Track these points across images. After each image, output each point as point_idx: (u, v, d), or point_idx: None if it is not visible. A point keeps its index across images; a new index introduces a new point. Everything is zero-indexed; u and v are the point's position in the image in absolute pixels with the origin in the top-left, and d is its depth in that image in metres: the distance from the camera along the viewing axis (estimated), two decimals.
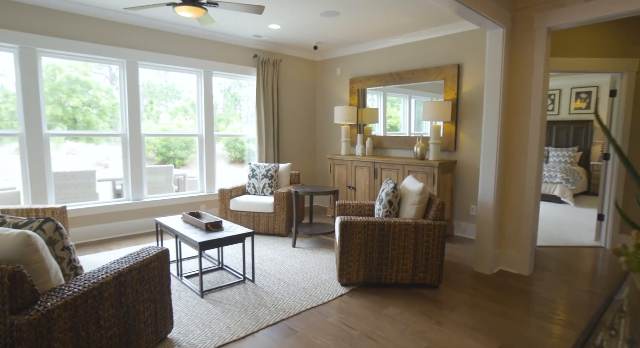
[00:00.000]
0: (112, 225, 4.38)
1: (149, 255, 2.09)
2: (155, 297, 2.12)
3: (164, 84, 4.99)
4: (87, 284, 1.68)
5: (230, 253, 3.87)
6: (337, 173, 5.49)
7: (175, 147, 7.75)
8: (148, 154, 7.59)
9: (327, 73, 6.22)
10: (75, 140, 4.91)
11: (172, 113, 5.09)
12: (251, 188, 4.89)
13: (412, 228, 2.97)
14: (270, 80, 5.55)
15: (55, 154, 4.68)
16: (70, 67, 4.16)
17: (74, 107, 4.34)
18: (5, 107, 3.81)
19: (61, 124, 4.11)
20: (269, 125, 5.60)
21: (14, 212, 3.33)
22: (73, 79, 4.23)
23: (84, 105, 4.39)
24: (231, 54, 5.24)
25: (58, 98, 3.99)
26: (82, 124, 4.47)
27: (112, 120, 4.40)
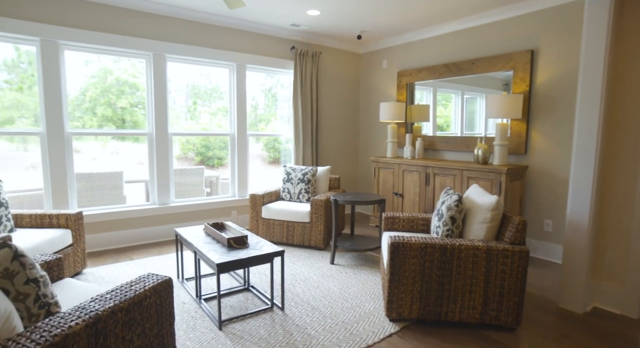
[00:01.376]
0: (136, 231, 4.06)
1: (144, 288, 1.62)
2: (151, 342, 1.65)
3: (207, 84, 4.69)
4: (42, 338, 1.22)
5: (258, 270, 3.39)
6: (382, 177, 4.87)
7: (214, 147, 7.53)
8: (188, 154, 7.40)
9: (371, 66, 5.61)
10: (122, 139, 4.94)
11: (212, 113, 4.92)
12: (286, 193, 4.40)
13: (482, 254, 2.31)
14: (309, 74, 5.04)
15: (102, 153, 4.60)
16: (119, 70, 4.16)
17: (122, 107, 4.37)
18: (33, 104, 3.59)
19: (110, 124, 4.10)
20: (306, 124, 5.09)
21: (27, 216, 3.05)
22: (122, 81, 4.26)
23: (132, 105, 4.40)
24: (266, 45, 4.79)
25: (108, 99, 4.02)
26: (129, 123, 4.48)
27: None
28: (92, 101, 4.01)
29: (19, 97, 3.66)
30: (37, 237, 2.79)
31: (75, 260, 3.09)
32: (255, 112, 5.19)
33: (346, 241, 3.76)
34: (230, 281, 3.11)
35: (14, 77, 3.50)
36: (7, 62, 3.43)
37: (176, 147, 7.36)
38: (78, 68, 3.76)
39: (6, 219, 2.84)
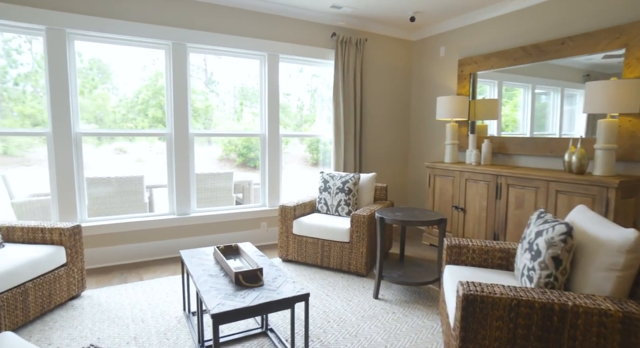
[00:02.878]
0: (151, 244, 3.58)
1: None
2: None
3: (255, 86, 4.31)
4: None
5: None
6: (439, 187, 4.03)
7: (256, 148, 7.16)
8: (230, 155, 7.01)
9: (426, 54, 4.77)
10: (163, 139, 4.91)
11: (255, 113, 4.61)
12: (322, 205, 3.72)
13: (615, 323, 1.47)
14: (352, 64, 4.33)
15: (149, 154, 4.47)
16: None
17: None
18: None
19: (161, 125, 3.97)
20: (349, 122, 4.38)
21: (19, 229, 2.63)
22: None
23: None
24: (302, 31, 4.15)
25: (159, 101, 3.96)
26: None
27: (206, 121, 4.35)
28: (144, 103, 4.01)
29: (82, 101, 3.62)
30: (21, 256, 2.34)
31: (69, 282, 2.63)
32: (301, 112, 4.69)
33: (394, 268, 3.00)
34: (245, 322, 2.48)
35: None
36: None
37: (219, 148, 7.09)
38: (135, 72, 3.61)
39: None
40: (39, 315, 2.43)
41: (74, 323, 2.37)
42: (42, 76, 3.17)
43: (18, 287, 2.26)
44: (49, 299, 2.47)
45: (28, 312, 2.32)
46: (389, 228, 3.71)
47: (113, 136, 3.68)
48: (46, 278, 2.44)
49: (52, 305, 2.49)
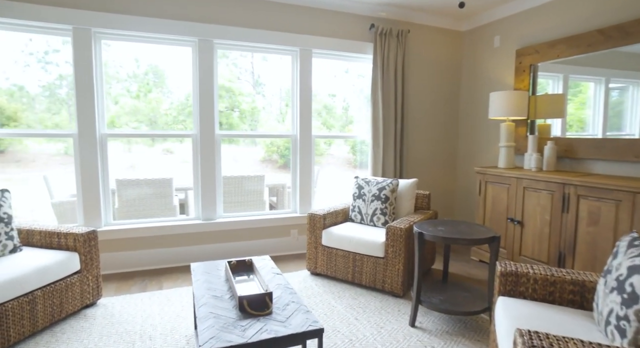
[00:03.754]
0: (175, 250, 3.44)
1: None
2: None
3: None
4: None
5: None
6: (491, 195, 3.51)
7: None
8: (272, 156, 6.88)
9: (478, 46, 4.24)
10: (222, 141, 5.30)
11: None
12: (356, 213, 3.36)
13: None
14: (393, 58, 3.92)
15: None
16: (218, 76, 4.04)
17: (220, 111, 4.39)
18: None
19: (224, 130, 4.08)
20: (388, 123, 3.98)
21: (37, 233, 2.55)
22: (219, 86, 4.18)
23: (227, 108, 4.52)
24: (337, 24, 3.82)
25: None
26: (225, 126, 4.56)
27: (252, 122, 4.41)
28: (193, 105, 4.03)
29: (137, 104, 3.80)
30: (31, 262, 2.24)
31: (83, 290, 2.51)
32: (347, 113, 4.49)
33: (436, 291, 2.57)
34: None
35: (132, 86, 3.64)
36: (130, 73, 3.54)
37: (260, 149, 7.00)
38: (186, 75, 3.58)
39: (6, 237, 2.35)
40: (48, 325, 2.32)
41: (81, 336, 2.23)
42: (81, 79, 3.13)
43: (26, 295, 2.15)
44: (60, 308, 2.35)
45: (36, 322, 2.21)
46: (431, 243, 3.27)
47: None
48: (57, 286, 2.33)
49: (63, 315, 2.37)
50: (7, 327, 2.05)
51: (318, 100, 4.53)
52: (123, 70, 3.56)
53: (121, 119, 3.76)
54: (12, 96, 3.19)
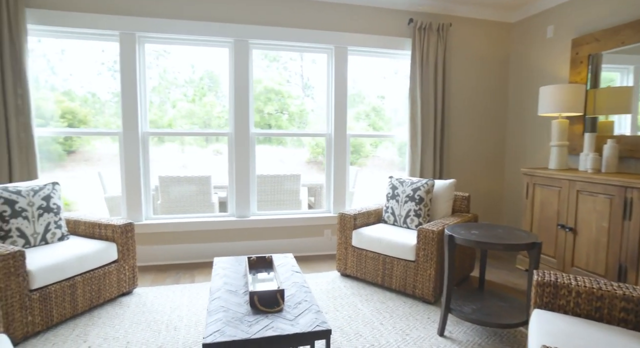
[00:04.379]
0: (209, 246, 3.53)
1: None
2: None
3: (353, 89, 4.26)
4: None
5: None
6: (540, 199, 3.21)
7: None
8: (317, 157, 6.94)
9: (529, 37, 3.92)
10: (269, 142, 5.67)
11: (355, 116, 4.62)
12: (389, 214, 3.24)
13: None
14: (433, 54, 3.75)
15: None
16: (268, 79, 4.40)
17: (269, 113, 4.64)
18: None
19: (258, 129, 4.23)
20: (427, 121, 3.80)
21: (82, 224, 2.74)
22: (269, 89, 4.45)
23: (277, 111, 4.69)
24: (373, 20, 3.72)
25: (257, 106, 4.24)
26: (274, 127, 4.76)
27: (301, 124, 4.52)
28: None
29: (192, 108, 4.09)
30: (73, 250, 2.41)
31: (120, 278, 2.65)
32: (397, 115, 4.42)
33: (470, 299, 2.38)
34: None
35: (189, 90, 3.95)
36: (186, 79, 3.85)
37: (306, 151, 7.10)
38: None
39: (55, 226, 2.56)
40: (87, 309, 2.47)
41: (114, 322, 2.35)
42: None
43: (67, 280, 2.32)
44: (98, 294, 2.50)
45: (76, 306, 2.37)
46: (465, 248, 3.05)
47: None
48: (96, 273, 2.48)
49: (101, 300, 2.52)
50: (50, 308, 2.22)
51: (367, 103, 4.53)
52: (181, 76, 3.78)
53: (177, 121, 4.00)
54: (86, 102, 3.49)
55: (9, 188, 2.41)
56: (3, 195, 2.35)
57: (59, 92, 3.46)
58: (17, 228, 2.37)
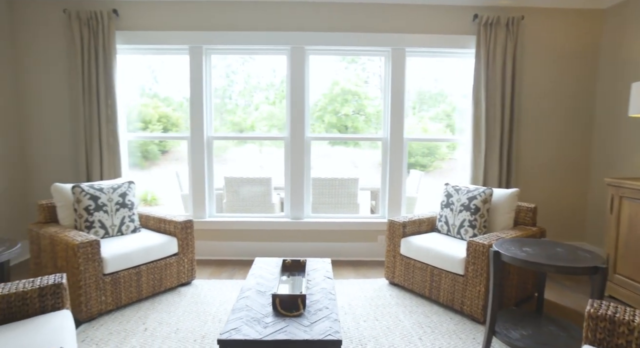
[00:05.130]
0: (266, 244, 3.71)
1: None
2: None
3: (433, 89, 4.27)
4: None
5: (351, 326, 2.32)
6: (627, 214, 2.76)
7: (415, 153, 6.96)
8: None
9: (624, 26, 3.39)
10: (333, 144, 5.85)
11: (432, 117, 4.56)
12: (442, 223, 3.07)
13: None
14: (500, 51, 3.45)
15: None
16: (344, 80, 4.47)
17: (346, 114, 4.67)
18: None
19: (334, 130, 4.50)
20: (492, 124, 3.52)
21: (152, 219, 3.10)
22: (346, 90, 4.52)
23: (354, 112, 4.68)
24: (433, 18, 3.55)
25: (334, 108, 4.38)
26: (350, 129, 4.76)
27: (377, 125, 4.38)
28: (321, 110, 4.45)
29: (273, 110, 4.30)
30: (141, 242, 2.73)
31: (179, 270, 2.93)
32: (459, 117, 4.25)
33: (521, 324, 2.15)
34: None
35: (270, 94, 4.23)
36: (268, 83, 4.14)
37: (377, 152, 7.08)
38: (320, 83, 4.02)
39: (129, 220, 2.93)
40: (150, 295, 2.78)
41: (170, 309, 2.61)
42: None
43: (134, 268, 2.64)
44: (160, 283, 2.80)
45: (141, 291, 2.68)
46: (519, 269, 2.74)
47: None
48: (158, 264, 2.78)
49: (162, 288, 2.82)
50: (119, 291, 2.55)
51: (449, 102, 4.36)
52: (263, 80, 4.03)
53: (259, 123, 4.26)
54: (181, 106, 3.91)
55: (94, 186, 2.82)
56: (89, 191, 2.77)
57: (159, 98, 3.94)
58: (99, 220, 2.77)
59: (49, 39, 3.48)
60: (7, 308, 1.60)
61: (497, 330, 2.07)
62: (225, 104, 4.03)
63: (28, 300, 1.64)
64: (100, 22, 3.32)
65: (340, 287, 3.04)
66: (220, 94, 3.92)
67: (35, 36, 3.48)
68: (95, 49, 3.35)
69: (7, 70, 3.43)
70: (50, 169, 3.62)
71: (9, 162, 3.46)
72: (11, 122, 3.48)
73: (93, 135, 3.40)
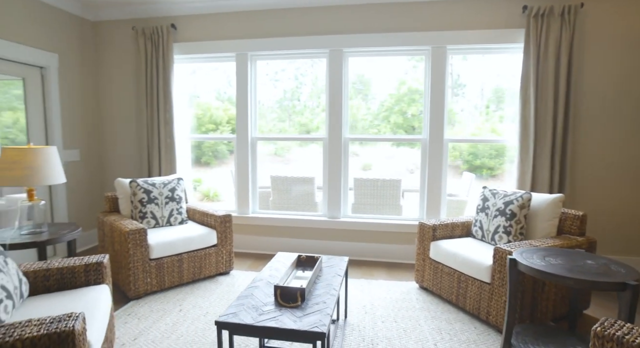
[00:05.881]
0: (303, 241, 3.84)
1: (11, 338, 1.24)
2: None
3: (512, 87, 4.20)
4: None
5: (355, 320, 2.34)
6: None
7: (482, 155, 6.71)
8: (454, 162, 6.76)
9: None
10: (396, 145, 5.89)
11: (501, 117, 4.47)
12: (477, 228, 2.93)
13: None
14: (553, 44, 3.17)
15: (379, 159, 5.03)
16: (412, 79, 4.41)
17: (413, 114, 4.57)
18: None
19: (401, 131, 4.48)
20: (543, 124, 3.25)
21: (197, 212, 3.41)
22: (413, 90, 4.43)
23: (421, 112, 4.60)
24: (475, 14, 3.38)
25: (401, 108, 4.37)
26: (417, 130, 4.70)
27: (448, 124, 4.31)
28: (387, 110, 4.49)
29: None
30: (185, 232, 3.04)
31: (218, 260, 3.19)
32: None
33: (543, 340, 1.99)
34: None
35: None
36: None
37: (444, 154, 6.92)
38: (385, 82, 4.20)
39: (177, 212, 3.27)
40: (190, 281, 3.08)
41: (205, 295, 2.87)
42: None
43: (176, 255, 2.95)
44: (200, 270, 3.09)
45: (182, 277, 2.99)
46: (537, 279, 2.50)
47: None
48: (198, 253, 3.07)
49: (201, 276, 3.10)
50: (163, 275, 2.87)
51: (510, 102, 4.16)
52: None
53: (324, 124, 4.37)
54: None
55: (148, 181, 3.21)
56: (143, 186, 3.15)
57: (231, 101, 4.27)
58: (151, 212, 3.14)
59: (121, 53, 4.01)
60: (60, 278, 1.94)
61: (513, 343, 1.95)
62: (294, 106, 4.22)
63: (76, 273, 1.96)
64: (160, 36, 3.74)
65: (369, 287, 3.06)
66: (290, 96, 4.12)
67: (112, 52, 4.03)
68: (156, 60, 3.78)
69: (90, 83, 4.02)
70: (120, 166, 4.16)
71: (89, 161, 4.06)
72: (92, 127, 4.08)
73: (153, 136, 3.84)
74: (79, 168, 3.93)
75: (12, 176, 2.29)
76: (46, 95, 3.55)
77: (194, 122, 4.21)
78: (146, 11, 3.84)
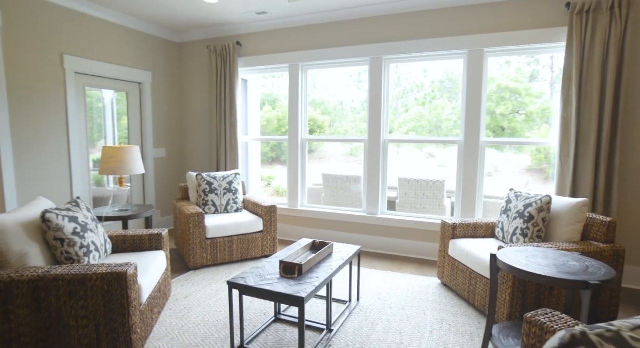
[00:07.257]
0: (343, 234, 4.19)
1: (91, 272, 1.86)
2: (97, 319, 1.86)
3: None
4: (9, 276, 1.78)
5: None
6: None
7: None
8: (540, 165, 6.62)
9: None
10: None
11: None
12: (499, 230, 2.98)
13: None
14: (599, 41, 3.02)
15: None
16: (502, 76, 4.28)
17: (502, 114, 4.47)
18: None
19: (488, 132, 4.25)
20: (586, 126, 3.11)
21: (250, 203, 3.99)
22: (503, 87, 4.27)
23: (511, 112, 4.41)
24: (516, 13, 3.35)
25: (489, 107, 4.28)
26: (507, 131, 4.48)
27: (542, 124, 4.17)
28: None
29: (422, 111, 4.49)
30: (236, 219, 3.62)
31: (263, 245, 3.72)
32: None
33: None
34: None
35: (419, 95, 4.46)
36: (418, 84, 4.35)
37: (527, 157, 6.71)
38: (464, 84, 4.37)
39: (233, 202, 3.89)
40: (239, 260, 3.66)
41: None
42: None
43: (227, 237, 3.55)
44: (247, 252, 3.65)
45: (232, 256, 3.58)
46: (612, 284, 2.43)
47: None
48: (246, 237, 3.63)
49: (248, 257, 3.66)
50: (216, 252, 3.49)
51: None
52: (418, 81, 4.25)
53: (407, 124, 4.45)
54: (335, 109, 4.64)
55: (210, 175, 3.88)
56: (206, 178, 3.83)
57: (315, 104, 4.68)
58: (212, 200, 3.80)
59: (199, 68, 4.82)
60: (132, 243, 2.62)
61: (493, 333, 2.07)
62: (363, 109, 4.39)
63: (143, 240, 2.63)
64: (228, 52, 4.43)
65: (393, 278, 3.29)
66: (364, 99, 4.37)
67: (192, 68, 4.87)
68: (223, 73, 4.48)
69: (175, 94, 4.92)
70: (195, 162, 4.99)
71: (173, 157, 4.96)
72: (176, 130, 4.98)
73: (220, 137, 4.56)
74: (165, 163, 4.84)
75: (109, 167, 3.10)
76: (142, 105, 4.49)
77: (275, 124, 4.81)
78: (217, 32, 4.58)
